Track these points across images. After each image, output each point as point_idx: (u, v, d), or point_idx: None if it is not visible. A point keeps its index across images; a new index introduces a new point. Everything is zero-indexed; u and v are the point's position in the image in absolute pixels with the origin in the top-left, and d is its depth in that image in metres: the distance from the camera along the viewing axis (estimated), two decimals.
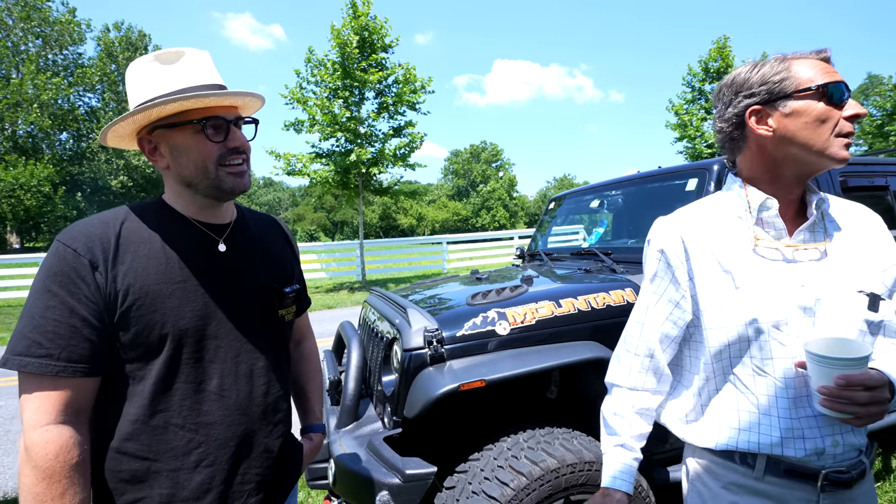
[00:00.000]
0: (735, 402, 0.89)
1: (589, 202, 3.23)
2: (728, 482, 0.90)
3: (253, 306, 0.96)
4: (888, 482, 2.40)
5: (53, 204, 23.51)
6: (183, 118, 0.86)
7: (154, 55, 0.88)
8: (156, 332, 0.83)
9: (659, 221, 0.99)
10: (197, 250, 0.91)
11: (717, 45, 15.86)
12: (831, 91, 0.82)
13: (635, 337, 0.99)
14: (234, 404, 0.90)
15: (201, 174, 0.88)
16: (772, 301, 0.84)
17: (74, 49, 27.21)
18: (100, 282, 0.80)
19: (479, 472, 1.48)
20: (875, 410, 0.75)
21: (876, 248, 0.89)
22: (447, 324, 1.71)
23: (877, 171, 2.59)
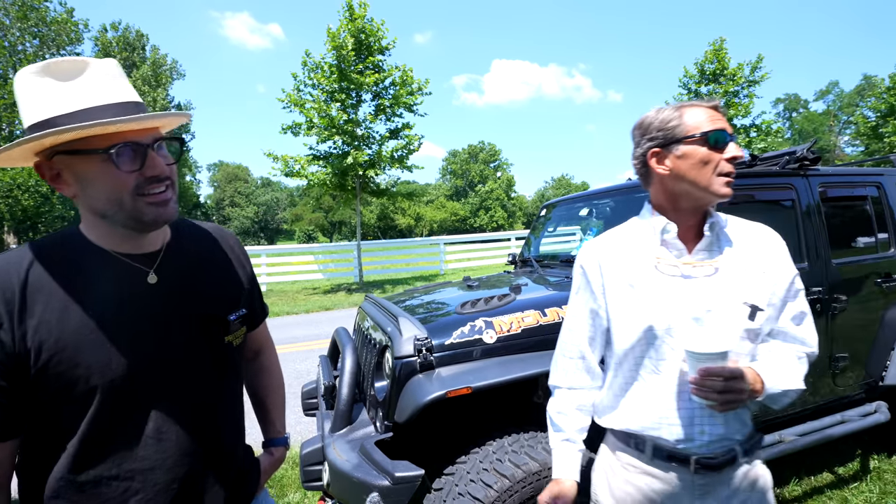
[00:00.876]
0: (636, 395, 1.06)
1: (579, 209, 3.31)
2: (626, 462, 1.07)
3: (193, 339, 0.87)
4: (865, 483, 2.49)
5: (51, 204, 23.49)
6: (86, 145, 0.74)
7: (45, 66, 0.74)
8: (79, 388, 0.75)
9: (585, 244, 1.17)
10: (122, 287, 0.81)
11: (714, 47, 15.98)
12: (713, 138, 0.96)
13: (568, 342, 1.16)
14: (174, 446, 0.83)
15: (116, 207, 0.77)
16: (666, 311, 0.99)
17: (72, 49, 27.11)
18: (5, 340, 0.71)
19: (465, 475, 1.56)
20: (731, 398, 0.89)
21: (766, 264, 1.02)
22: (436, 332, 1.78)
23: (855, 181, 2.67)
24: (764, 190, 2.34)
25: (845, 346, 2.41)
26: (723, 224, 1.05)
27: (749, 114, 15.83)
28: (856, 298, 2.45)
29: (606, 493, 1.11)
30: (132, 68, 29.75)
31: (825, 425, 2.31)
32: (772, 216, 2.37)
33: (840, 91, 49.04)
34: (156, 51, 31.11)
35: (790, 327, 1.05)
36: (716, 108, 1.01)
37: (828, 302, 2.33)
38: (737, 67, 15.70)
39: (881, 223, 2.67)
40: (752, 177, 2.32)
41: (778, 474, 2.56)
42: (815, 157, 2.46)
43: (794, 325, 1.06)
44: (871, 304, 2.53)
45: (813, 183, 2.45)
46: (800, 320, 1.06)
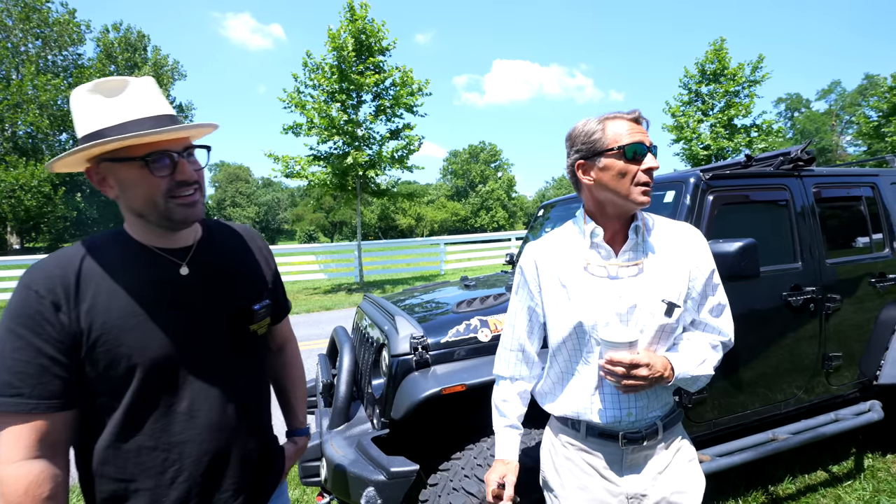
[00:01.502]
0: (570, 383, 1.17)
1: (577, 210, 3.33)
2: (565, 441, 1.19)
3: (221, 327, 0.98)
4: (858, 481, 2.51)
5: (53, 204, 23.59)
6: (127, 153, 0.85)
7: (95, 85, 0.86)
8: (122, 366, 0.86)
9: (526, 246, 1.26)
10: (158, 278, 0.92)
11: (714, 47, 15.97)
12: (630, 150, 1.04)
13: (509, 336, 1.26)
14: (205, 423, 0.93)
15: (150, 207, 0.88)
16: (593, 309, 1.08)
17: (74, 50, 27.27)
18: (64, 321, 0.82)
19: (459, 471, 1.59)
20: (630, 382, 1.01)
21: (685, 261, 1.11)
22: (432, 331, 1.81)
23: (849, 182, 2.69)
24: (758, 190, 2.36)
25: (839, 345, 2.43)
26: (649, 226, 1.15)
27: (750, 113, 15.82)
28: (850, 298, 2.47)
29: (551, 469, 1.23)
30: (133, 69, 29.84)
31: (819, 423, 2.33)
32: (766, 217, 2.40)
33: (842, 90, 48.93)
34: (157, 52, 31.20)
35: (709, 318, 1.16)
36: (636, 119, 1.08)
37: (821, 302, 2.35)
38: (737, 67, 15.70)
39: (875, 223, 2.69)
40: (747, 177, 2.34)
41: (772, 473, 2.59)
42: (809, 157, 2.48)
43: (713, 316, 1.16)
44: (866, 303, 2.55)
45: (807, 183, 2.47)
46: (718, 312, 1.17)
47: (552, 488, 1.21)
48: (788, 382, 2.32)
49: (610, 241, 1.12)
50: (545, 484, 1.25)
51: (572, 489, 1.15)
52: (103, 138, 0.83)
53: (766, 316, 2.24)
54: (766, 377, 2.23)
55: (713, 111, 16.18)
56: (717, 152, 15.75)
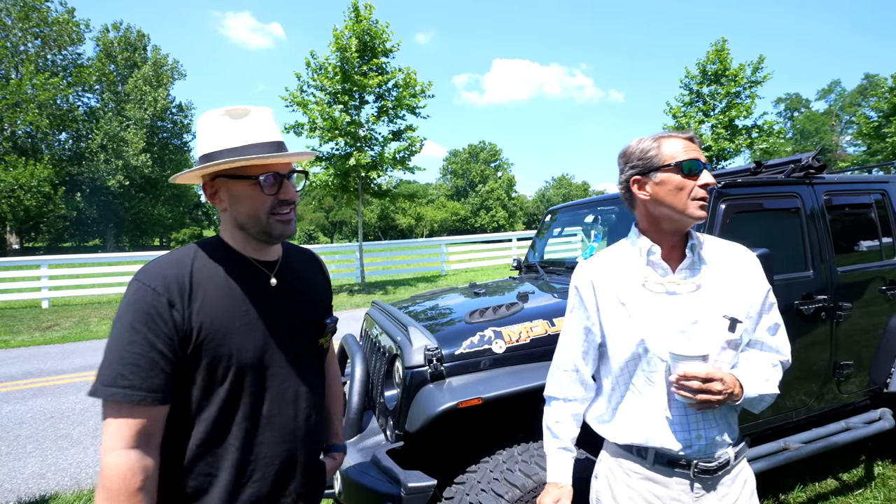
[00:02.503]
0: (633, 405, 1.13)
1: (584, 216, 3.33)
2: (628, 469, 1.15)
3: (300, 337, 1.06)
4: (869, 489, 2.51)
5: (53, 204, 23.54)
6: (243, 172, 0.95)
7: (225, 110, 0.98)
8: (223, 364, 0.92)
9: (579, 264, 1.25)
10: (254, 286, 1.00)
11: (716, 48, 15.95)
12: (686, 167, 1.06)
13: (563, 357, 1.25)
14: (280, 427, 1.00)
15: (254, 221, 0.97)
16: (655, 325, 1.08)
17: (73, 49, 27.17)
18: (177, 319, 0.88)
19: (476, 484, 1.58)
20: (704, 397, 0.98)
21: (742, 280, 1.12)
22: (446, 342, 1.80)
23: (860, 189, 2.68)
24: (770, 198, 2.35)
25: (850, 353, 2.42)
26: (702, 245, 1.15)
27: (751, 114, 15.80)
28: (860, 305, 2.47)
29: (609, 498, 1.18)
30: (133, 68, 29.75)
31: (830, 432, 2.33)
32: (777, 224, 2.39)
33: (842, 90, 48.92)
34: (157, 51, 31.09)
35: (766, 338, 1.16)
36: (691, 139, 1.11)
37: (832, 310, 2.35)
38: (738, 68, 15.67)
39: (885, 230, 2.68)
40: (758, 185, 2.33)
41: (782, 481, 2.59)
42: (820, 165, 2.47)
43: (770, 335, 1.16)
44: (876, 310, 2.54)
45: (818, 191, 2.46)
46: (774, 331, 1.16)
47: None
48: (799, 391, 2.32)
49: (666, 259, 1.12)
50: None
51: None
52: (232, 157, 0.93)
53: None
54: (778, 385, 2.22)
55: (714, 112, 16.16)
56: (718, 153, 15.73)
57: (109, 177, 27.44)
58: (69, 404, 4.61)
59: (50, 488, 3.09)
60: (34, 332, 8.41)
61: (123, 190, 28.49)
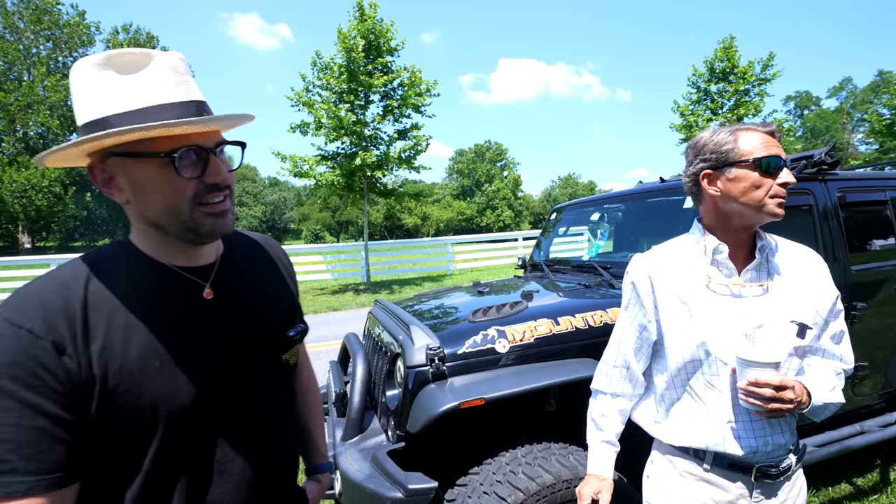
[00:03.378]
0: (691, 408, 1.10)
1: (590, 214, 3.28)
2: (683, 470, 1.12)
3: (251, 359, 0.81)
4: (885, 495, 2.44)
5: (64, 204, 23.87)
6: (147, 147, 0.67)
7: (107, 57, 0.66)
8: (145, 418, 0.68)
9: (635, 258, 1.20)
10: (179, 304, 0.74)
11: (723, 45, 15.76)
12: (766, 163, 1.00)
13: (614, 352, 1.22)
14: (238, 475, 0.78)
15: (172, 216, 0.71)
16: (718, 328, 1.04)
17: (84, 51, 27.48)
18: (70, 367, 0.63)
19: (478, 487, 1.54)
20: (775, 406, 0.94)
21: (811, 285, 1.08)
22: (449, 341, 1.77)
23: (875, 185, 2.61)
24: None
25: (864, 354, 2.35)
26: (772, 247, 1.11)
27: (760, 112, 15.59)
28: (875, 305, 2.40)
29: (660, 498, 1.15)
30: None
31: (844, 436, 2.26)
32: (789, 222, 2.32)
33: (853, 88, 48.19)
34: None
35: (830, 345, 1.11)
36: (772, 133, 1.04)
37: (846, 309, 2.28)
38: (747, 65, 15.47)
39: None
40: None
41: None
42: (833, 161, 2.41)
43: (834, 343, 1.11)
44: (891, 311, 2.47)
45: (831, 188, 2.40)
46: (839, 339, 1.12)
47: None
48: None
49: (732, 259, 1.07)
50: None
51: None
52: (115, 127, 0.64)
53: None
54: None
55: (722, 110, 15.96)
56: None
57: None
58: None
59: None
60: None
61: None
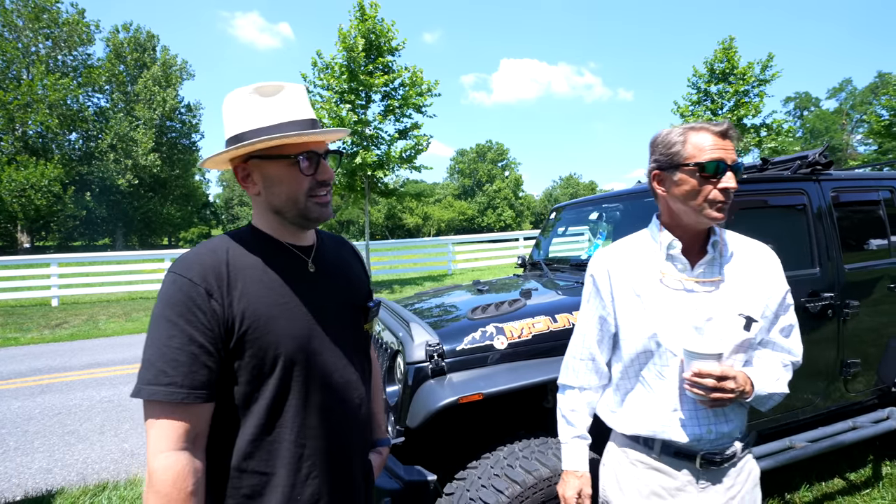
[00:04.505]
0: (642, 398, 1.13)
1: (589, 213, 3.31)
2: (634, 459, 1.15)
3: (344, 323, 1.01)
4: (877, 489, 2.48)
5: (63, 203, 23.87)
6: (279, 151, 0.90)
7: (254, 88, 0.91)
8: (270, 354, 0.86)
9: (596, 252, 1.23)
10: (292, 272, 0.94)
11: (723, 46, 15.80)
12: (709, 167, 1.01)
13: (579, 345, 1.24)
14: (334, 417, 0.94)
15: (291, 204, 0.92)
16: (670, 321, 1.07)
17: (83, 50, 27.52)
18: (216, 309, 0.82)
19: (476, 480, 1.58)
20: (717, 396, 0.98)
21: (762, 280, 1.11)
22: (448, 338, 1.80)
23: (868, 186, 2.65)
24: (776, 195, 2.33)
25: (857, 351, 2.39)
26: (724, 242, 1.13)
27: (759, 113, 15.63)
28: (868, 304, 2.43)
29: (615, 489, 1.18)
30: (142, 69, 30.05)
31: (836, 431, 2.30)
32: (783, 221, 2.36)
33: (853, 89, 48.26)
34: (166, 51, 31.37)
35: (779, 338, 1.15)
36: (723, 133, 1.03)
37: (839, 307, 2.32)
38: (747, 66, 15.51)
39: (894, 228, 2.64)
40: (764, 182, 2.31)
41: (789, 480, 2.56)
42: (827, 161, 2.44)
43: (783, 336, 1.16)
44: (884, 309, 2.51)
45: (825, 188, 2.44)
46: (788, 332, 1.16)
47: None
48: (806, 389, 2.29)
49: (686, 254, 1.10)
50: (606, 501, 1.22)
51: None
52: (265, 136, 0.87)
53: None
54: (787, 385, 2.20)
55: (722, 111, 16.00)
56: None
57: (119, 176, 27.75)
58: (77, 401, 4.67)
59: (56, 483, 3.13)
60: (43, 329, 8.52)
61: (132, 189, 28.80)
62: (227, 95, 0.93)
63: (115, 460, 3.43)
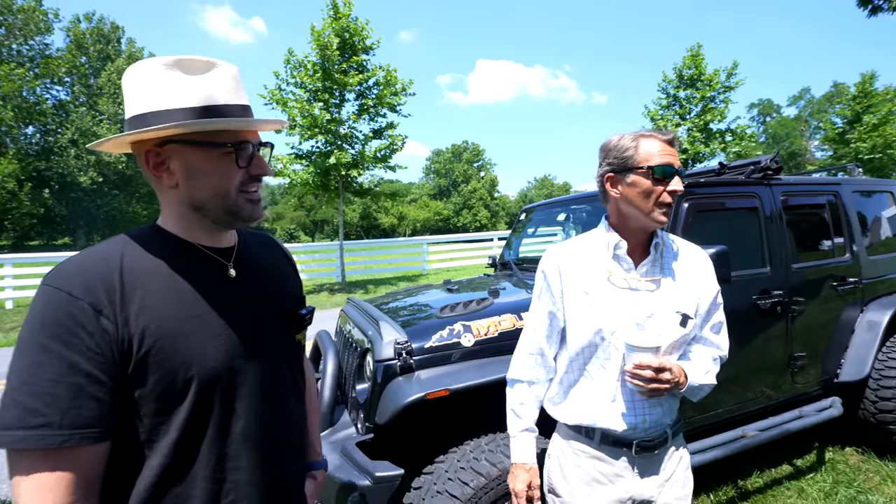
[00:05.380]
0: (585, 389, 1.20)
1: (558, 214, 3.41)
2: (577, 449, 1.22)
3: (273, 334, 0.88)
4: (820, 473, 2.65)
5: (19, 201, 22.63)
6: (212, 139, 0.76)
7: (175, 60, 0.76)
8: (179, 378, 0.72)
9: (548, 250, 1.29)
10: (207, 278, 0.81)
11: (692, 53, 16.37)
12: (659, 171, 1.09)
13: (530, 340, 1.29)
14: (260, 444, 0.82)
15: (219, 199, 0.79)
16: (613, 317, 1.14)
17: (41, 39, 26.18)
18: (107, 328, 0.68)
19: (443, 473, 1.62)
20: (654, 386, 1.06)
21: (696, 280, 1.20)
22: (416, 336, 1.83)
23: (814, 190, 2.82)
24: (730, 198, 2.46)
25: (804, 345, 2.55)
26: (666, 243, 1.22)
27: (725, 118, 16.28)
28: (814, 301, 2.60)
29: (560, 476, 1.25)
30: (106, 61, 28.83)
31: (784, 420, 2.45)
32: (737, 223, 2.50)
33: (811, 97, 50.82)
34: (132, 44, 30.19)
35: (709, 335, 1.25)
36: (670, 141, 1.13)
37: (788, 305, 2.47)
38: (713, 73, 16.12)
39: (837, 229, 2.83)
40: (720, 185, 2.43)
41: (740, 468, 2.71)
42: (777, 166, 2.60)
43: (713, 333, 1.25)
44: (828, 305, 2.68)
45: (776, 192, 2.59)
46: (718, 329, 1.26)
47: (560, 495, 1.24)
48: (758, 381, 2.43)
49: (630, 254, 1.17)
50: (552, 490, 1.28)
51: (581, 496, 1.19)
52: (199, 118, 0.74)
53: (737, 319, 2.33)
54: (737, 377, 2.33)
55: (690, 115, 16.59)
56: (693, 156, 16.16)
57: (81, 173, 26.52)
58: None
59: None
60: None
61: (96, 187, 27.58)
62: (133, 65, 0.77)
63: None
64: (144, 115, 0.76)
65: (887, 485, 2.52)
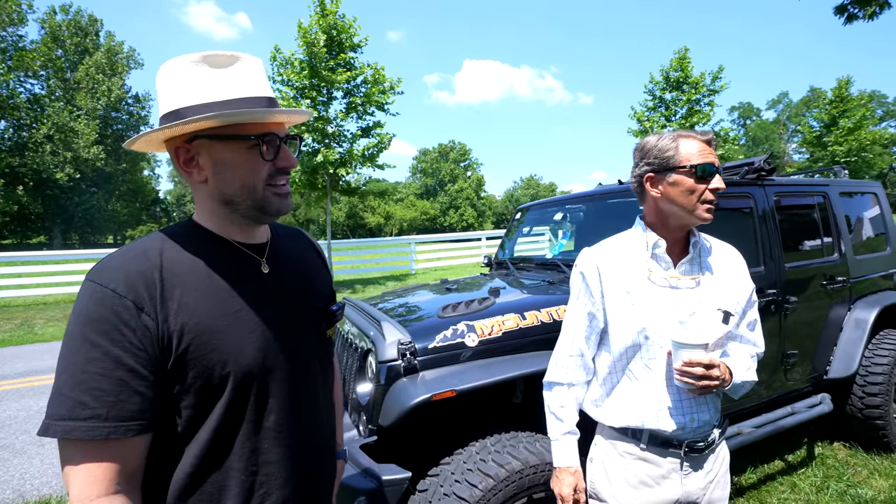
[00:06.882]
0: (629, 390, 1.19)
1: (553, 214, 3.41)
2: (622, 451, 1.21)
3: (304, 330, 0.89)
4: (811, 468, 2.70)
5: None
6: (236, 131, 0.77)
7: (202, 56, 0.77)
8: (216, 375, 0.74)
9: (584, 251, 1.28)
10: (243, 275, 0.82)
11: (678, 56, 16.64)
12: (700, 170, 1.11)
13: (569, 342, 1.28)
14: (291, 440, 0.83)
15: (247, 193, 0.79)
16: (657, 316, 1.15)
17: (14, 31, 25.28)
18: (148, 325, 0.70)
19: (450, 475, 1.59)
20: (705, 383, 1.06)
21: (734, 278, 1.22)
22: (420, 336, 1.81)
23: (805, 191, 2.88)
24: (726, 198, 2.49)
25: (795, 343, 2.60)
26: (703, 243, 1.23)
27: (710, 121, 16.59)
28: (804, 299, 2.65)
29: (604, 480, 1.23)
30: (84, 55, 28.04)
31: (777, 417, 2.50)
32: (732, 223, 2.53)
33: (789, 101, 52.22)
34: (111, 37, 29.44)
35: (746, 332, 1.26)
36: (709, 142, 1.15)
37: (781, 303, 2.51)
38: (699, 77, 16.41)
39: (826, 229, 2.90)
40: None
41: (734, 465, 2.75)
42: (770, 167, 2.64)
43: (749, 330, 1.26)
44: (818, 303, 2.74)
45: (769, 192, 2.63)
46: (753, 326, 1.27)
47: (604, 499, 1.23)
48: None
49: (669, 253, 1.18)
50: (595, 494, 1.26)
51: (627, 499, 1.18)
52: (213, 112, 0.74)
53: None
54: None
55: (676, 117, 16.86)
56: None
57: (57, 169, 25.72)
58: (11, 412, 4.31)
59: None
60: None
61: (73, 184, 26.77)
62: (164, 64, 0.77)
63: (56, 474, 3.19)
64: (174, 112, 0.77)
65: (875, 478, 2.58)
